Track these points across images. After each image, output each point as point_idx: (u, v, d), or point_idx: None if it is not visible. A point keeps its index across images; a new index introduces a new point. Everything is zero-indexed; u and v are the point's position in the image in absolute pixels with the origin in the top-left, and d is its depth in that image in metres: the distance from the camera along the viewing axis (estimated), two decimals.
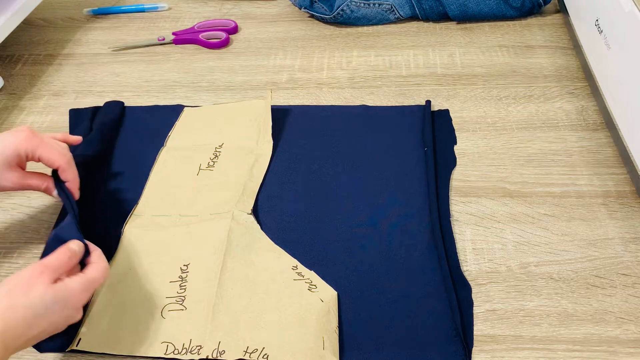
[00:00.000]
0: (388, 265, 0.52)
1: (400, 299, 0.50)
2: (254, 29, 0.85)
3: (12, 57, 0.83)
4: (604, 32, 0.62)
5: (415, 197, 0.58)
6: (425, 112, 0.66)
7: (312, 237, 0.55)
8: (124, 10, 0.91)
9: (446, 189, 0.58)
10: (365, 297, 0.50)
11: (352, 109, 0.69)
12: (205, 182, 0.61)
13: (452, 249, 0.53)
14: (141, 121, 0.69)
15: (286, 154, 0.64)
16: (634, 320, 0.47)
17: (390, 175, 0.60)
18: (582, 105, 0.67)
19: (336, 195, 0.59)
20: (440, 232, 0.54)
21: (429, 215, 0.56)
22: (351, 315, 0.49)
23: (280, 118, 0.68)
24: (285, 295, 0.50)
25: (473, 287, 0.50)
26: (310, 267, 0.52)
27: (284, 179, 0.61)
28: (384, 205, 0.57)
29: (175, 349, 0.47)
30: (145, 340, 0.48)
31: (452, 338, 0.46)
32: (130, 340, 0.48)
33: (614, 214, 0.55)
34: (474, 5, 0.80)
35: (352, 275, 0.52)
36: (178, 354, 0.47)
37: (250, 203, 0.58)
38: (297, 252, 0.54)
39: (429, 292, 0.50)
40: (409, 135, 0.64)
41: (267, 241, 0.55)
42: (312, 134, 0.66)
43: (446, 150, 0.63)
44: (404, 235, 0.54)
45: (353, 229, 0.56)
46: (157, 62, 0.80)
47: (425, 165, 0.61)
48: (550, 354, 0.45)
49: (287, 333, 0.47)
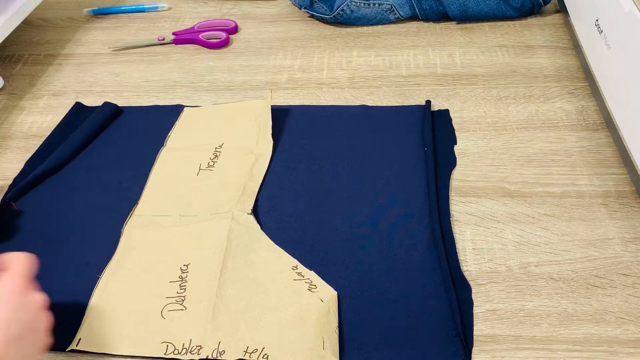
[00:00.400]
0: (388, 265, 0.52)
1: (400, 299, 0.50)
2: (254, 29, 0.85)
3: (12, 57, 0.83)
4: (604, 32, 0.62)
5: (415, 197, 0.58)
6: (425, 112, 0.66)
7: (312, 237, 0.55)
8: (124, 10, 0.91)
9: (446, 189, 0.58)
10: (365, 297, 0.50)
11: (351, 109, 0.69)
12: (205, 182, 0.61)
13: (452, 249, 0.53)
14: (141, 121, 0.69)
15: (286, 154, 0.64)
16: (634, 320, 0.47)
17: (390, 175, 0.60)
18: (582, 105, 0.67)
19: (336, 196, 0.59)
20: (440, 232, 0.54)
21: (429, 215, 0.56)
22: (351, 315, 0.49)
23: (279, 118, 0.68)
24: (285, 295, 0.50)
25: (473, 287, 0.50)
26: (310, 267, 0.52)
27: (283, 179, 0.61)
28: (384, 205, 0.57)
29: (175, 349, 0.47)
30: (145, 340, 0.48)
31: (452, 338, 0.46)
32: (130, 340, 0.48)
33: (614, 214, 0.55)
34: (474, 5, 0.80)
35: (352, 275, 0.52)
36: (178, 354, 0.46)
37: (250, 203, 0.58)
38: (296, 252, 0.54)
39: (429, 292, 0.50)
40: (409, 135, 0.64)
41: (267, 241, 0.55)
42: (311, 134, 0.66)
43: (446, 150, 0.63)
44: (404, 235, 0.54)
45: (353, 229, 0.55)
46: (157, 62, 0.80)
47: (425, 165, 0.61)
48: (550, 354, 0.45)
49: (287, 333, 0.47)
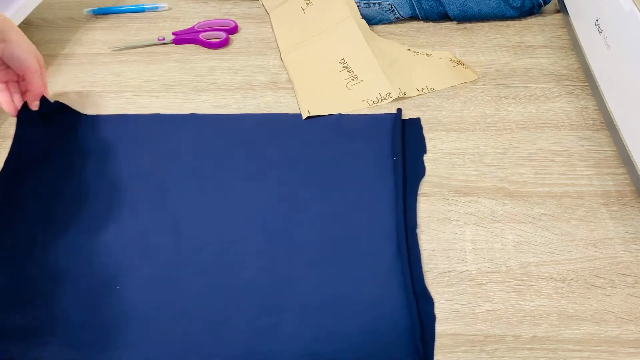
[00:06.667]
0: (352, 278, 0.51)
1: (362, 314, 0.49)
2: (254, 29, 0.85)
3: None
4: (604, 32, 0.62)
5: (382, 208, 0.57)
6: (396, 121, 0.66)
7: (278, 248, 0.54)
8: (124, 10, 0.91)
9: (414, 199, 0.58)
10: (328, 312, 0.49)
11: (326, 117, 0.68)
12: (311, 14, 0.81)
13: (417, 262, 0.52)
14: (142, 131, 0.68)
15: (254, 165, 0.63)
16: (634, 320, 0.47)
17: (358, 185, 0.59)
18: (582, 105, 0.67)
19: (301, 207, 0.58)
20: (405, 244, 0.53)
21: (395, 226, 0.55)
22: (312, 331, 0.48)
23: (247, 126, 0.67)
24: (420, 59, 0.75)
25: (473, 287, 0.50)
26: (274, 278, 0.52)
27: (252, 188, 0.60)
28: (350, 217, 0.56)
29: (374, 101, 0.69)
30: (350, 101, 0.69)
31: (412, 355, 0.46)
32: (340, 103, 0.69)
33: (614, 214, 0.55)
34: (474, 5, 0.80)
35: (315, 288, 0.51)
36: (380, 102, 0.69)
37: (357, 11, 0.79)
38: (262, 263, 0.53)
39: (391, 306, 0.49)
40: (379, 144, 0.64)
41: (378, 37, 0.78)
42: (282, 143, 0.65)
43: (416, 159, 0.62)
44: (369, 248, 0.54)
45: (318, 240, 0.55)
46: (157, 62, 0.80)
47: (393, 175, 0.60)
48: (550, 354, 0.45)
49: (435, 75, 0.72)
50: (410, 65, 0.74)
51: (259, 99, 0.72)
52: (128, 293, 0.52)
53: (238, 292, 0.51)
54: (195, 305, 0.51)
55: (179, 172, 0.62)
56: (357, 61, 0.74)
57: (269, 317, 0.49)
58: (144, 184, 0.61)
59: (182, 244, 0.55)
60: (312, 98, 0.70)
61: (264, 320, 0.49)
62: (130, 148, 0.66)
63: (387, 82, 0.70)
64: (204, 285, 0.52)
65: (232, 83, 0.75)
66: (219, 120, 0.69)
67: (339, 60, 0.75)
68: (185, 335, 0.49)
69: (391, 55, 0.76)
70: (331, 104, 0.69)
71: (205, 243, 0.55)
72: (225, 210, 0.58)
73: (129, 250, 0.55)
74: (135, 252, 0.55)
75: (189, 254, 0.55)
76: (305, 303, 0.50)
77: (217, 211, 0.58)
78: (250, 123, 0.68)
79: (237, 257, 0.54)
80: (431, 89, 0.70)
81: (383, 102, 0.69)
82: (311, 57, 0.77)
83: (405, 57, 0.75)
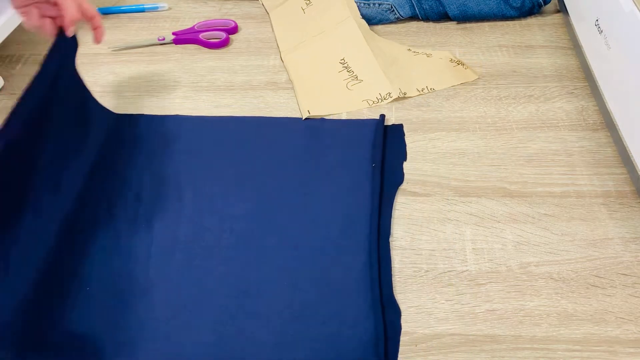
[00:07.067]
0: (323, 285, 0.51)
1: (329, 322, 0.49)
2: (254, 29, 0.85)
3: (12, 57, 0.83)
4: (604, 32, 0.62)
5: (356, 215, 0.56)
6: (378, 127, 0.65)
7: (250, 252, 0.54)
8: (124, 10, 0.91)
9: (389, 207, 0.57)
10: (295, 319, 0.49)
11: (310, 122, 0.68)
12: (311, 14, 0.80)
13: (387, 271, 0.52)
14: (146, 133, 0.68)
15: (233, 169, 0.62)
16: (634, 320, 0.47)
17: (335, 192, 0.59)
18: (582, 105, 0.67)
19: (277, 212, 0.57)
20: (377, 252, 0.53)
21: (368, 235, 0.54)
22: (277, 338, 0.48)
23: (229, 128, 0.67)
24: (417, 59, 0.75)
25: (473, 287, 0.50)
26: (244, 285, 0.52)
27: (229, 193, 0.60)
28: (324, 224, 0.56)
29: (374, 101, 0.69)
30: (350, 101, 0.69)
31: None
32: (340, 103, 0.69)
33: (614, 214, 0.55)
34: (474, 5, 0.80)
35: (284, 294, 0.51)
36: (380, 102, 0.69)
37: (357, 12, 0.79)
38: (232, 270, 0.53)
39: (357, 316, 0.49)
40: (360, 150, 0.63)
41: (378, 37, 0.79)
42: (263, 147, 0.65)
43: (395, 167, 0.61)
44: (340, 256, 0.53)
45: (290, 246, 0.54)
46: (157, 62, 0.80)
47: (370, 183, 0.59)
48: (550, 354, 0.45)
49: (434, 74, 0.72)
50: (410, 65, 0.74)
51: (259, 99, 0.72)
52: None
53: (203, 297, 0.51)
54: (160, 308, 0.50)
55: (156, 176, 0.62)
56: (357, 61, 0.74)
57: (233, 323, 0.49)
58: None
59: (153, 246, 0.55)
60: (312, 98, 0.70)
61: (229, 326, 0.49)
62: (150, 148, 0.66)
63: (387, 82, 0.70)
64: (169, 290, 0.52)
65: (232, 83, 0.75)
66: (194, 123, 0.68)
67: (339, 61, 0.75)
68: (148, 339, 0.48)
69: (391, 55, 0.75)
70: (331, 104, 0.69)
71: (175, 247, 0.55)
72: (197, 215, 0.58)
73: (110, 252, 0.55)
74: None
75: (159, 257, 0.54)
76: (271, 309, 0.50)
77: (188, 216, 0.58)
78: (229, 126, 0.67)
79: (205, 261, 0.54)
80: (431, 89, 0.70)
81: (383, 102, 0.69)
82: (311, 57, 0.76)
83: (405, 57, 0.75)
